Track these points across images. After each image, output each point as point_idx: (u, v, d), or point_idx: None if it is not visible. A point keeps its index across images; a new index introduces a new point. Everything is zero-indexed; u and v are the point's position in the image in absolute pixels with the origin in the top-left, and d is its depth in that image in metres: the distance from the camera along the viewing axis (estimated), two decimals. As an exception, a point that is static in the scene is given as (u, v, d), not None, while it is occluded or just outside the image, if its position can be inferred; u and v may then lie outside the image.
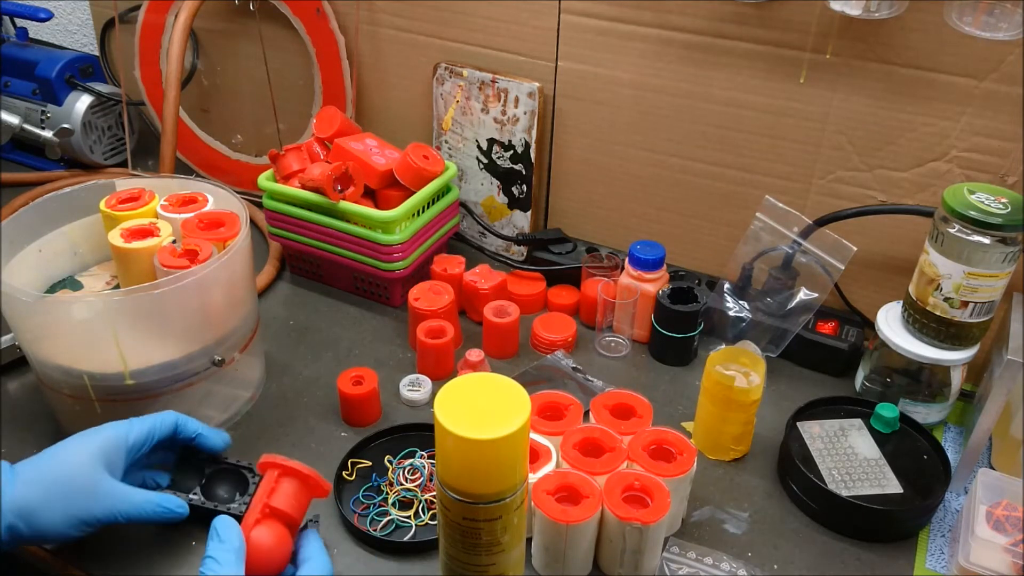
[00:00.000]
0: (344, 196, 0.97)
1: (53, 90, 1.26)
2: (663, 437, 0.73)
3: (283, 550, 0.51)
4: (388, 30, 1.10)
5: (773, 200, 0.90)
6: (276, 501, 0.50)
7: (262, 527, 0.49)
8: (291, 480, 0.51)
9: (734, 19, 0.88)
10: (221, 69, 1.25)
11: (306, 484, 0.53)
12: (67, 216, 0.88)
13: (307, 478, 0.52)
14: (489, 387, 0.57)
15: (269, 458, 0.53)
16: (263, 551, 0.49)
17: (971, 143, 0.83)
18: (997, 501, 0.72)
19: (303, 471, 0.52)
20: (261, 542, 0.50)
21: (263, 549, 0.49)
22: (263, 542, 0.50)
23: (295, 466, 0.52)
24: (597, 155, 1.03)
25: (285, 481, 0.50)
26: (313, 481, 0.52)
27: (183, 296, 0.74)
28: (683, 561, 0.71)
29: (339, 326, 1.01)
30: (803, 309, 0.89)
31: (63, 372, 0.76)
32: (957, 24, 0.74)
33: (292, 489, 0.50)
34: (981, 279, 0.77)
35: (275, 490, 0.50)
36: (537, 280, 1.04)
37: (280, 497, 0.50)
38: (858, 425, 0.84)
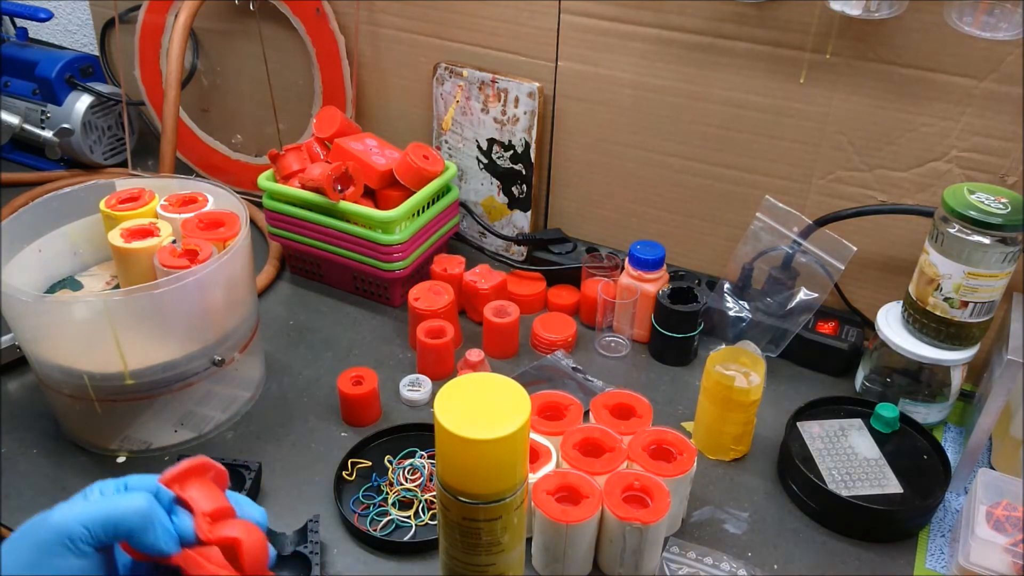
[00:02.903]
0: (344, 196, 0.97)
1: (53, 90, 1.26)
2: (663, 437, 0.73)
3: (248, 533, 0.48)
4: (388, 30, 1.10)
5: (773, 200, 0.90)
6: (208, 504, 0.46)
7: (220, 528, 0.47)
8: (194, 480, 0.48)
9: (734, 19, 0.88)
10: (221, 69, 1.25)
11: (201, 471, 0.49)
12: (67, 216, 0.88)
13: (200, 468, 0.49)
14: (489, 387, 0.56)
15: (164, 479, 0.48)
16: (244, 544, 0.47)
17: (971, 143, 0.83)
18: (997, 501, 0.72)
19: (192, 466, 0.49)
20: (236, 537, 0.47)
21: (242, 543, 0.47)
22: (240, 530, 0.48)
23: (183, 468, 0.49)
24: (597, 155, 1.03)
25: (191, 486, 0.47)
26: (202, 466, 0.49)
27: (183, 296, 0.74)
28: (683, 561, 0.71)
29: (339, 326, 1.01)
30: (803, 309, 0.89)
31: (63, 372, 0.76)
32: (957, 24, 0.74)
33: (202, 486, 0.47)
34: (981, 279, 0.77)
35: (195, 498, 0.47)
36: (537, 280, 1.04)
37: (205, 498, 0.47)
38: (858, 425, 0.84)
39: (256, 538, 0.47)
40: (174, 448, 0.82)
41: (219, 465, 0.49)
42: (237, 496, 0.49)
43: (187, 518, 0.46)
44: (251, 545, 0.46)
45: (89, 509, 0.43)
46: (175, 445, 0.82)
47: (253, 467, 0.77)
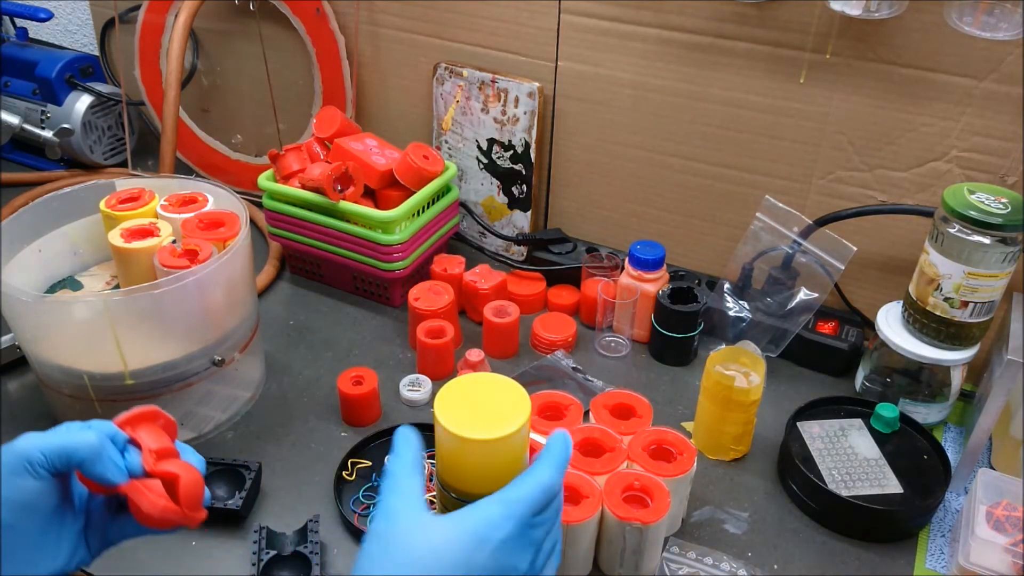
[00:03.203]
0: (344, 196, 0.97)
1: (53, 90, 1.26)
2: (663, 437, 0.73)
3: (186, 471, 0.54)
4: (388, 30, 1.10)
5: (773, 200, 0.90)
6: (154, 443, 0.53)
7: (163, 464, 0.52)
8: (144, 424, 0.54)
9: (734, 19, 0.88)
10: (221, 69, 1.25)
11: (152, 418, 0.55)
12: (67, 216, 0.88)
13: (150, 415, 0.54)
14: (489, 387, 0.56)
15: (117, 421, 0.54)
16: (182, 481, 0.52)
17: (971, 143, 0.83)
18: (997, 501, 0.72)
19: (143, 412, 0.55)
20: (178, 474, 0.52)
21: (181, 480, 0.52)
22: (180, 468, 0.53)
23: (135, 412, 0.55)
24: (597, 155, 1.03)
25: (141, 428, 0.54)
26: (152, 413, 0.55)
27: (183, 296, 0.74)
28: (683, 561, 0.71)
29: (339, 326, 1.01)
30: (803, 309, 0.89)
31: (63, 372, 0.76)
32: (957, 24, 0.74)
33: (151, 429, 0.54)
34: (981, 279, 0.77)
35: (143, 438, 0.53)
36: (537, 280, 1.04)
37: (152, 438, 0.53)
38: (858, 425, 0.84)
39: (193, 476, 0.53)
40: (174, 448, 0.82)
41: (168, 415, 0.56)
42: (182, 444, 0.55)
43: (136, 455, 0.52)
44: (188, 481, 0.52)
45: (47, 438, 0.49)
46: None
47: (253, 467, 0.77)
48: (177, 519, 0.52)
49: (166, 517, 0.51)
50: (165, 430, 0.55)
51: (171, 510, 0.51)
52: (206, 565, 0.72)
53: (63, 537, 0.51)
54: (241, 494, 0.74)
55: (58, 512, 0.51)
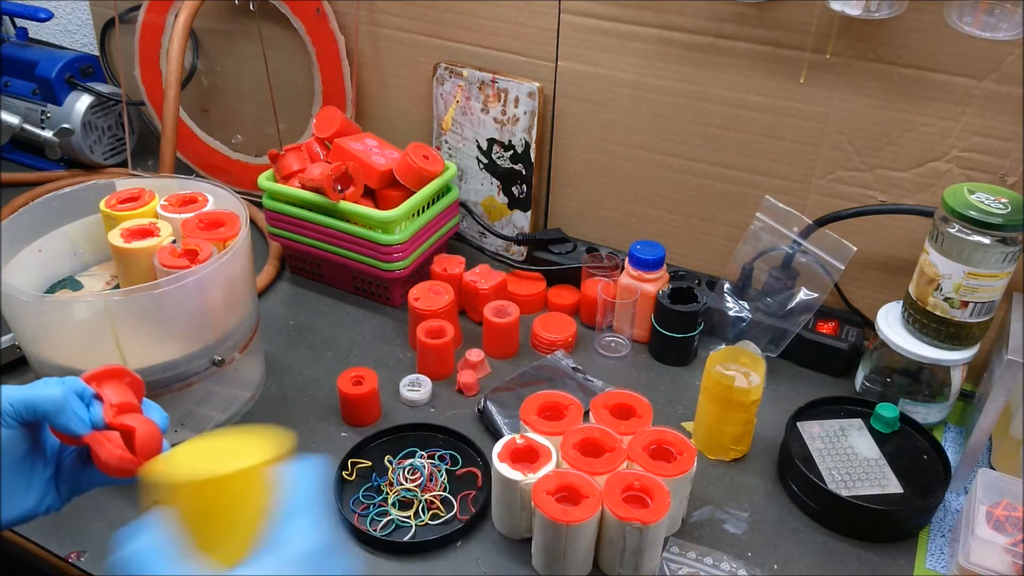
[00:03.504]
0: (344, 196, 0.97)
1: (53, 90, 1.26)
2: (663, 437, 0.73)
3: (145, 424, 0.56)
4: (388, 30, 1.10)
5: (773, 200, 0.90)
6: (116, 398, 0.56)
7: (122, 417, 0.55)
8: (110, 381, 0.57)
9: (734, 19, 0.88)
10: (221, 69, 1.25)
11: (118, 375, 0.57)
12: (67, 216, 0.88)
13: (116, 372, 0.57)
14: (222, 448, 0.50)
15: (84, 376, 0.57)
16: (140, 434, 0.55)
17: (971, 143, 0.83)
18: (997, 501, 0.72)
19: (109, 369, 0.58)
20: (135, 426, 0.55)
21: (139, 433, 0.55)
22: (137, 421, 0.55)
23: (101, 370, 0.58)
24: (597, 155, 1.03)
25: (107, 384, 0.57)
26: (118, 371, 0.58)
27: (183, 296, 0.74)
28: (683, 561, 0.71)
29: (339, 326, 1.01)
30: (803, 309, 0.89)
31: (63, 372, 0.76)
32: (957, 24, 0.74)
33: (116, 386, 0.57)
34: (981, 279, 0.77)
35: (107, 394, 0.56)
36: (537, 280, 1.04)
37: (115, 394, 0.56)
38: (858, 425, 0.84)
39: (150, 429, 0.56)
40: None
41: (135, 375, 0.59)
42: (148, 402, 0.58)
43: (100, 409, 0.55)
44: (144, 433, 0.55)
45: (16, 391, 0.53)
46: (175, 445, 0.82)
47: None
48: (133, 469, 0.55)
49: (122, 466, 0.54)
50: (131, 388, 0.58)
51: (127, 459, 0.54)
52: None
53: (33, 482, 0.55)
54: None
55: (28, 459, 0.55)
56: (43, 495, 0.56)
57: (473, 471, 0.80)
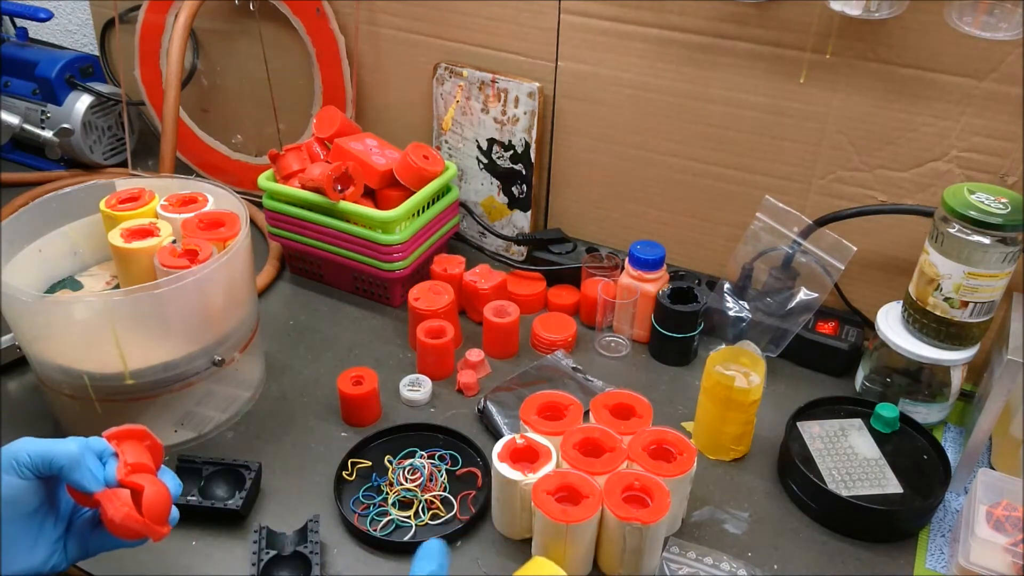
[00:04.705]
0: (344, 196, 0.97)
1: (53, 90, 1.26)
2: (663, 437, 0.73)
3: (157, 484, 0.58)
4: (388, 30, 1.10)
5: (773, 200, 0.90)
6: (131, 458, 0.57)
7: (134, 476, 0.56)
8: (130, 441, 0.59)
9: (734, 19, 0.88)
10: (221, 69, 1.25)
11: (139, 436, 0.58)
12: (67, 216, 0.88)
13: (138, 434, 0.59)
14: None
15: (105, 434, 0.59)
16: (151, 493, 0.56)
17: (971, 143, 0.83)
18: (997, 501, 0.72)
19: (131, 429, 0.59)
20: (148, 485, 0.56)
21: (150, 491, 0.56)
22: (147, 481, 0.56)
23: (123, 429, 0.59)
24: (597, 155, 1.03)
25: (126, 443, 0.58)
26: (140, 433, 0.60)
27: (183, 296, 0.74)
28: (683, 561, 0.71)
29: (339, 326, 1.01)
30: (803, 309, 0.89)
31: (63, 372, 0.76)
32: (957, 24, 0.74)
33: (135, 446, 0.58)
34: (981, 279, 0.77)
35: (124, 452, 0.57)
36: (537, 280, 1.04)
37: (132, 453, 0.57)
38: (858, 425, 0.84)
39: (159, 490, 0.56)
40: (174, 448, 0.82)
41: (156, 439, 0.60)
42: (165, 468, 0.59)
43: (112, 465, 0.56)
44: (152, 494, 0.56)
45: (35, 443, 0.54)
46: (175, 445, 0.82)
47: (253, 467, 0.77)
48: (139, 528, 0.55)
49: (127, 525, 0.55)
50: (150, 451, 0.59)
51: (133, 519, 0.55)
52: (206, 565, 0.72)
53: (41, 538, 0.56)
54: (241, 494, 0.74)
55: (39, 513, 0.56)
56: (51, 553, 0.56)
57: (473, 471, 0.80)
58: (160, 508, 0.56)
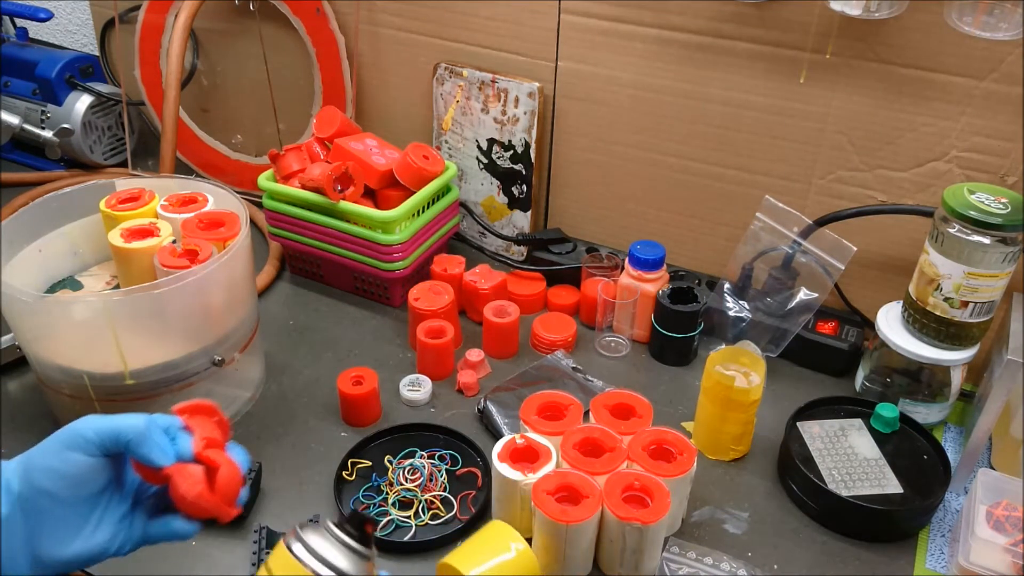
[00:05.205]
0: (344, 196, 0.97)
1: (53, 90, 1.26)
2: (663, 437, 0.73)
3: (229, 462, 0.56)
4: (388, 30, 1.10)
5: (773, 200, 0.90)
6: (204, 433, 0.55)
7: (209, 452, 0.54)
8: (199, 416, 0.57)
9: (734, 19, 0.88)
10: (221, 69, 1.25)
11: (208, 412, 0.58)
12: (67, 216, 0.88)
13: (207, 409, 0.58)
14: None
15: (175, 408, 0.57)
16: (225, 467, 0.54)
17: (971, 143, 0.83)
18: (997, 501, 0.72)
19: (200, 404, 0.58)
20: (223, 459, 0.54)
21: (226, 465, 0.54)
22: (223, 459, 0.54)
23: (193, 403, 0.58)
24: (597, 155, 1.03)
25: (195, 420, 0.56)
26: (209, 408, 0.58)
27: (183, 296, 0.74)
28: (683, 561, 0.71)
29: (339, 326, 1.01)
30: (803, 309, 0.89)
31: (63, 372, 0.76)
32: (957, 24, 0.74)
33: (204, 421, 0.56)
34: (981, 279, 0.77)
35: (193, 426, 0.55)
36: (537, 280, 1.04)
37: (203, 429, 0.55)
38: (858, 425, 0.84)
39: (233, 469, 0.54)
40: (174, 448, 0.82)
41: (224, 416, 0.58)
42: (233, 444, 0.57)
43: (184, 439, 0.54)
44: (228, 472, 0.53)
45: (100, 420, 0.52)
46: None
47: (253, 467, 0.77)
48: (210, 508, 0.53)
49: (200, 503, 0.52)
50: (219, 427, 0.57)
51: (205, 497, 0.52)
52: (206, 565, 0.72)
53: (105, 518, 0.53)
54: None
55: (104, 493, 0.53)
56: (114, 534, 0.53)
57: (473, 471, 0.80)
58: (233, 487, 0.54)
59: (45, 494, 0.50)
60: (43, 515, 0.51)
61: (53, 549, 0.51)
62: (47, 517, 0.51)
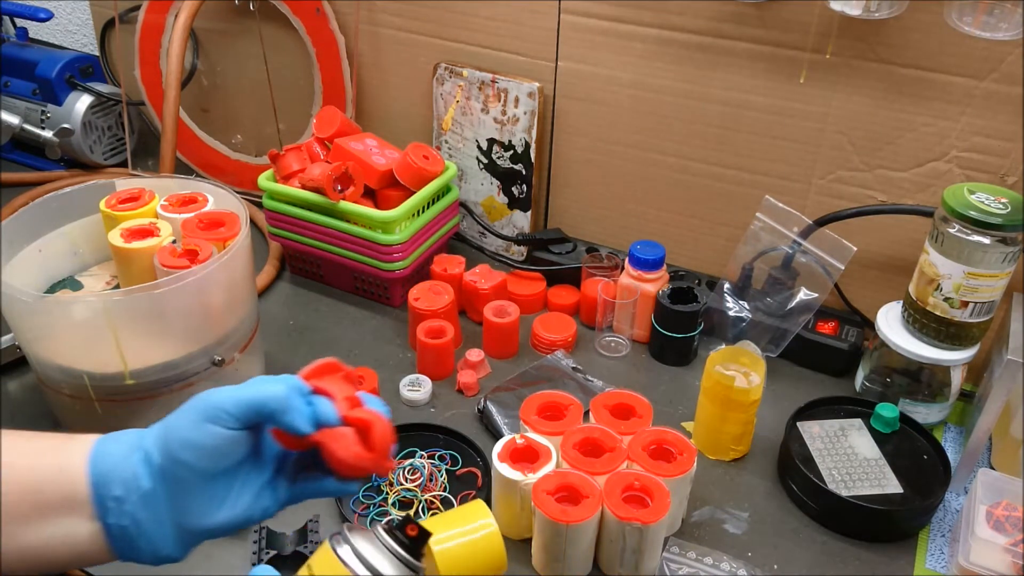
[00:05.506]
0: (344, 196, 0.97)
1: (53, 90, 1.26)
2: (663, 437, 0.73)
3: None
4: (388, 30, 1.10)
5: (773, 200, 0.90)
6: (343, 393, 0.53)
7: (357, 412, 0.53)
8: (327, 375, 0.55)
9: (734, 19, 0.88)
10: (221, 69, 1.25)
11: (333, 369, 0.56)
12: (67, 216, 0.88)
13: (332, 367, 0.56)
14: None
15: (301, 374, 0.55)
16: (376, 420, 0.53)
17: (971, 143, 0.83)
18: (997, 501, 0.72)
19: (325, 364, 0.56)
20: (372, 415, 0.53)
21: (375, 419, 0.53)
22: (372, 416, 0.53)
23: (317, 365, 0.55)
24: (597, 155, 1.03)
25: (325, 380, 0.54)
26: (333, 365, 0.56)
27: (183, 296, 0.74)
28: (683, 561, 0.71)
29: (339, 326, 1.01)
30: (803, 309, 0.89)
31: (63, 372, 0.76)
32: (957, 24, 0.74)
33: (334, 380, 0.54)
34: (981, 279, 0.77)
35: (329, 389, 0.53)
36: (537, 280, 1.04)
37: (341, 389, 0.54)
38: (858, 425, 0.84)
39: (384, 425, 0.52)
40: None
41: (348, 368, 0.56)
42: (365, 394, 0.55)
43: (324, 404, 0.52)
44: (382, 428, 0.52)
45: (236, 392, 0.50)
46: None
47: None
48: (369, 465, 0.52)
49: (360, 464, 0.52)
50: (347, 381, 0.55)
51: (364, 458, 0.52)
52: (206, 565, 0.72)
53: (247, 486, 0.52)
54: None
55: (245, 463, 0.52)
56: (254, 500, 0.52)
57: (473, 471, 0.80)
58: (388, 442, 0.53)
59: (186, 466, 0.49)
60: (185, 487, 0.50)
61: (197, 519, 0.50)
62: (189, 489, 0.50)
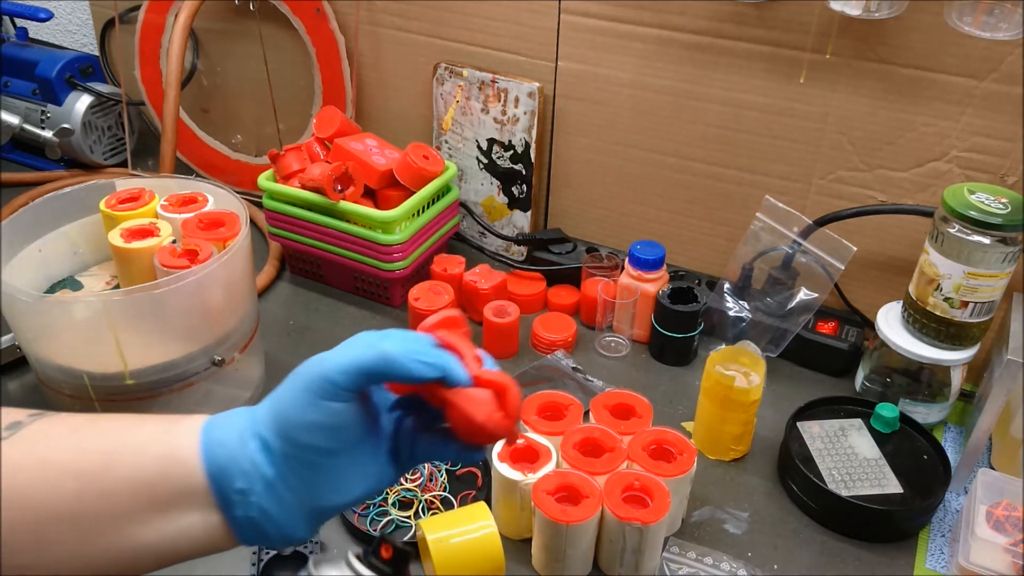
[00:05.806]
0: (344, 196, 0.97)
1: (53, 90, 1.26)
2: (663, 437, 0.73)
3: None
4: (388, 30, 1.10)
5: (773, 200, 0.90)
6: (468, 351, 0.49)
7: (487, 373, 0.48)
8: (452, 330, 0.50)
9: (734, 19, 0.88)
10: (221, 69, 1.25)
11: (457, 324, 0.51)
12: (67, 216, 0.88)
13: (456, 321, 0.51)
14: None
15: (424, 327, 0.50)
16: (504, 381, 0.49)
17: (971, 143, 0.83)
18: (997, 501, 0.72)
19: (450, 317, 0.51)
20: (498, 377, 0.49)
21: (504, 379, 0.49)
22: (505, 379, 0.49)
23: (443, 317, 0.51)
24: (597, 155, 1.03)
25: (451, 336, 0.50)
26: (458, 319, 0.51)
27: (183, 296, 0.74)
28: (683, 561, 0.71)
29: (339, 326, 1.01)
30: (803, 309, 0.89)
31: (63, 372, 0.76)
32: (957, 24, 0.74)
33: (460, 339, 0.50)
34: (981, 279, 0.77)
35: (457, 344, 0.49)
36: (537, 280, 1.04)
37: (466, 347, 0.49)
38: (858, 425, 0.84)
39: (516, 389, 0.48)
40: (174, 448, 0.82)
41: (467, 324, 0.51)
42: (481, 351, 0.51)
43: (453, 362, 0.47)
44: (514, 392, 0.48)
45: (336, 357, 0.46)
46: None
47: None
48: (503, 432, 0.48)
49: (497, 430, 0.47)
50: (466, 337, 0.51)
51: (501, 422, 0.47)
52: (206, 565, 0.71)
53: (370, 457, 0.50)
54: None
55: (369, 433, 0.49)
56: (384, 470, 0.50)
57: (473, 471, 0.80)
58: (518, 406, 0.48)
59: (312, 449, 0.47)
60: (311, 468, 0.47)
61: (327, 497, 0.48)
62: (316, 469, 0.47)
